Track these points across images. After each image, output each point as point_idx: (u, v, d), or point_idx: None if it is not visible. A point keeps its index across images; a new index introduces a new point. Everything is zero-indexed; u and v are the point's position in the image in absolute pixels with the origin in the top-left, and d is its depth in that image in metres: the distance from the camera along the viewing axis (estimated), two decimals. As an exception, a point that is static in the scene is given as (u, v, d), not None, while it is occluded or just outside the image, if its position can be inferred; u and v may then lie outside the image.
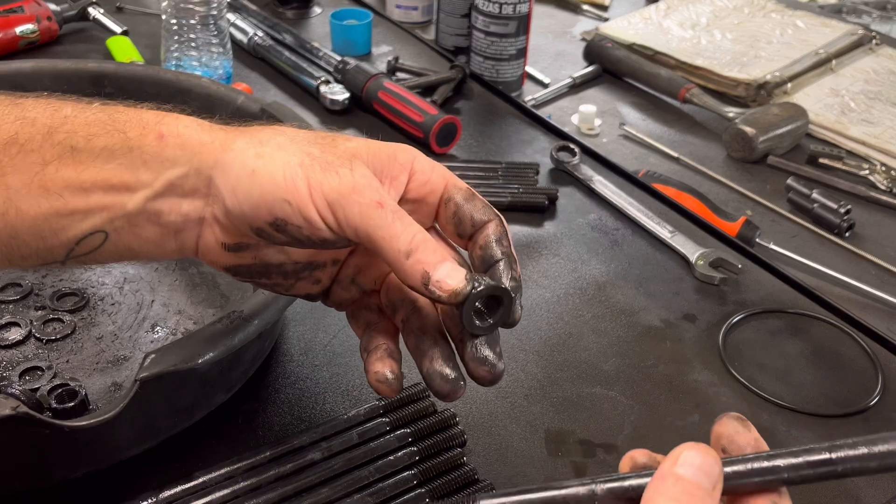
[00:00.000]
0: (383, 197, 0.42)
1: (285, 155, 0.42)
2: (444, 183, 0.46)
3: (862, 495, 0.57)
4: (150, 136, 0.42)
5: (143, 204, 0.43)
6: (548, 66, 1.20)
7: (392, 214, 0.42)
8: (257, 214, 0.42)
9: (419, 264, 0.41)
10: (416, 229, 0.42)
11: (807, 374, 0.67)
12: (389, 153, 0.45)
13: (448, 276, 0.41)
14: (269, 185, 0.41)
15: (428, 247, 0.42)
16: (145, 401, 0.48)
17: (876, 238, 0.90)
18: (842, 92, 1.15)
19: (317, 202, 0.41)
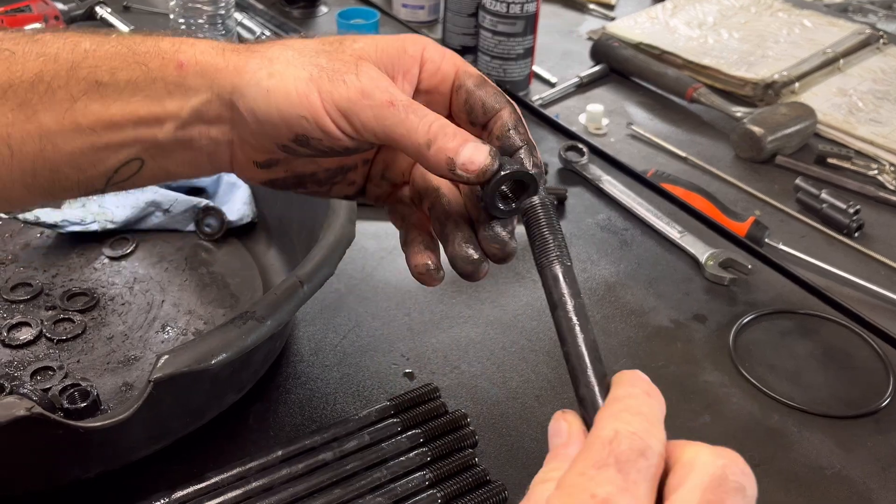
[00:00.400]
0: (393, 94, 0.42)
1: (295, 70, 0.42)
2: (455, 70, 0.46)
3: (875, 497, 0.57)
4: (170, 67, 0.43)
5: (173, 133, 0.44)
6: (555, 66, 1.20)
7: (405, 109, 0.42)
8: (279, 133, 0.43)
9: (441, 152, 0.42)
10: (432, 118, 0.42)
11: (817, 375, 0.67)
12: (398, 47, 0.45)
13: (473, 156, 0.42)
14: (285, 103, 0.42)
15: (447, 132, 0.42)
16: (158, 401, 0.48)
17: (885, 238, 0.90)
18: (850, 91, 1.15)
19: (331, 113, 0.42)
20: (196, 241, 0.75)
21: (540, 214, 0.41)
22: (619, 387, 0.35)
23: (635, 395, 0.34)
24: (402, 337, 0.68)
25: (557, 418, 0.36)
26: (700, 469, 0.30)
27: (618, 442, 0.31)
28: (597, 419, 0.33)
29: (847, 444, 0.61)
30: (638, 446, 0.31)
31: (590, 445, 0.31)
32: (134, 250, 0.73)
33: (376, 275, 0.75)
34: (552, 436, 0.36)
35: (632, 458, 0.30)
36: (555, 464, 0.34)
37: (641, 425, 0.32)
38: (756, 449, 0.60)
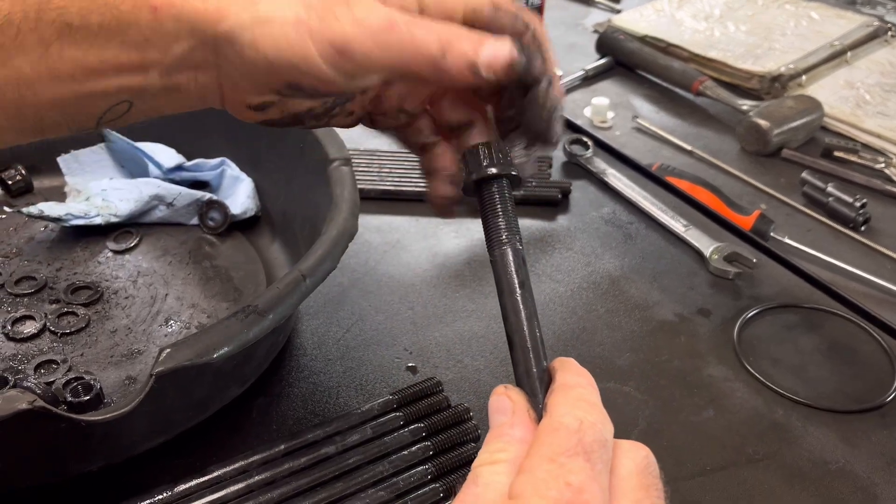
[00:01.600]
0: (391, 14, 0.38)
1: (282, 11, 0.39)
2: (462, 7, 0.41)
3: (879, 492, 0.57)
4: (143, 10, 0.40)
5: (159, 80, 0.41)
6: (560, 59, 1.18)
7: (406, 26, 0.38)
8: (270, 81, 0.41)
9: (460, 57, 0.38)
10: (438, 26, 0.39)
11: (822, 370, 0.67)
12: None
13: (496, 52, 0.39)
14: (274, 52, 0.39)
15: (461, 35, 0.39)
16: (160, 395, 0.48)
17: (892, 232, 0.90)
18: (857, 84, 1.14)
19: (326, 56, 0.39)
20: (200, 235, 0.75)
21: (495, 196, 0.39)
22: (565, 374, 0.36)
23: (584, 385, 0.35)
24: (406, 331, 0.68)
25: (500, 394, 0.35)
26: (629, 457, 0.34)
27: (583, 432, 0.32)
28: (553, 403, 0.34)
29: (852, 438, 0.61)
30: (599, 437, 0.32)
31: (555, 431, 0.32)
32: (138, 244, 0.73)
33: (379, 268, 0.75)
34: (494, 412, 0.35)
35: (596, 449, 0.32)
36: (500, 444, 0.34)
37: (599, 416, 0.34)
38: (760, 443, 0.60)
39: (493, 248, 0.39)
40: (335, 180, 0.63)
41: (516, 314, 0.37)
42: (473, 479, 0.33)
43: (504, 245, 0.38)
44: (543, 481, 0.30)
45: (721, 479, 0.57)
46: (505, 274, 0.38)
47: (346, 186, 0.62)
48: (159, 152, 0.78)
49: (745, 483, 0.57)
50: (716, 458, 0.59)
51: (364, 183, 0.83)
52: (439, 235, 0.79)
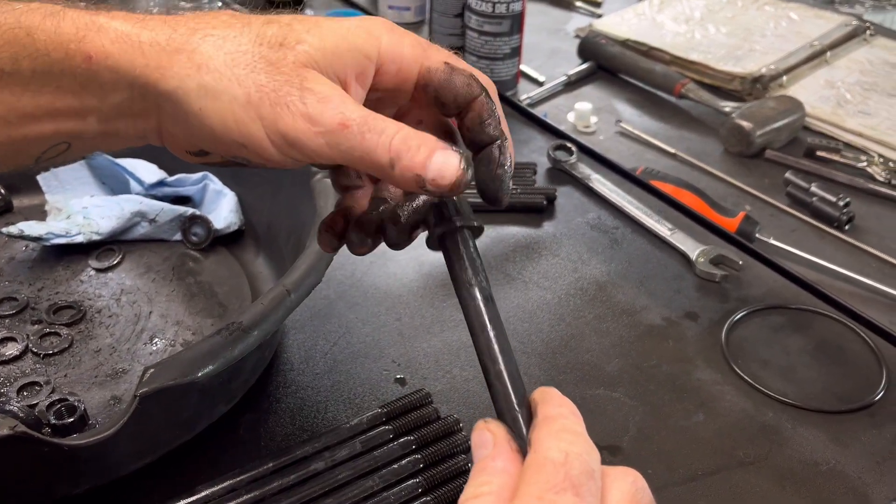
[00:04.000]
0: (345, 113, 0.38)
1: (231, 88, 0.38)
2: (418, 67, 0.41)
3: (870, 492, 0.57)
4: (76, 59, 0.38)
5: (97, 125, 0.41)
6: (542, 65, 1.20)
7: (360, 129, 0.38)
8: (213, 148, 0.40)
9: (407, 170, 0.38)
10: (391, 132, 0.38)
11: (810, 371, 0.67)
12: (349, 46, 0.40)
13: (443, 170, 0.38)
14: (221, 129, 0.38)
15: (410, 146, 0.38)
16: (145, 415, 0.47)
17: (876, 230, 0.90)
18: (837, 84, 1.15)
19: (276, 143, 0.38)
20: (183, 251, 0.74)
21: (458, 241, 0.41)
22: (547, 406, 0.35)
23: (567, 416, 0.35)
24: (393, 342, 0.67)
25: (480, 428, 0.35)
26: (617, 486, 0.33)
27: (570, 465, 0.32)
28: (537, 438, 0.33)
29: (841, 438, 0.61)
30: (587, 469, 0.32)
31: (541, 467, 0.32)
32: (120, 261, 0.73)
33: (366, 280, 0.74)
34: (477, 447, 0.35)
35: (584, 482, 0.31)
36: (484, 477, 0.33)
37: (584, 446, 0.33)
38: (750, 446, 0.60)
39: (461, 291, 0.40)
40: (319, 192, 0.63)
41: (490, 351, 0.37)
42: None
43: (471, 286, 0.39)
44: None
45: (712, 483, 0.57)
46: (475, 314, 0.39)
47: (329, 198, 0.62)
48: (140, 168, 0.77)
49: (737, 487, 0.57)
50: (707, 463, 0.58)
51: (348, 194, 0.83)
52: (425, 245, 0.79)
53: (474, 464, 0.34)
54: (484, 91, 0.42)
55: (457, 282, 0.40)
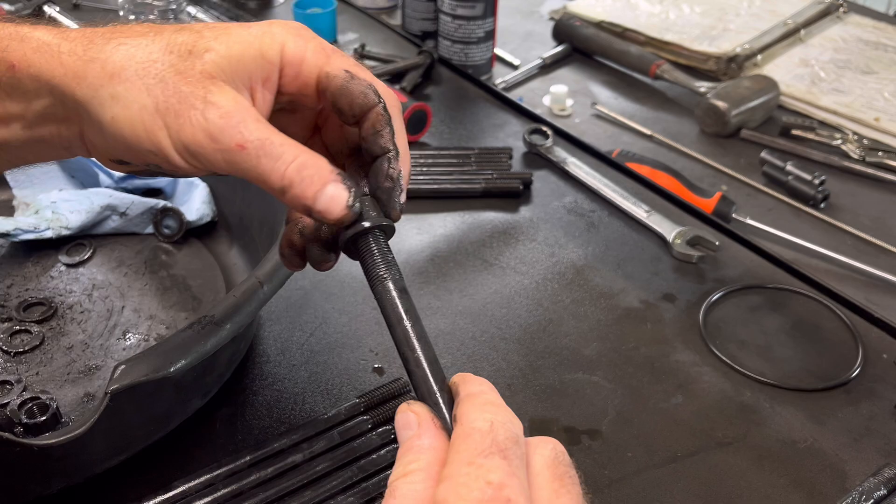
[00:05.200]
0: (244, 135, 0.39)
1: (141, 97, 0.39)
2: (317, 72, 0.42)
3: (847, 469, 0.57)
4: (1, 67, 0.40)
5: (22, 132, 0.42)
6: (517, 48, 1.19)
7: (256, 153, 0.39)
8: (128, 157, 0.41)
9: (297, 199, 0.40)
10: (287, 160, 0.39)
11: (787, 349, 0.67)
12: (255, 52, 0.41)
13: (330, 207, 0.40)
14: (132, 136, 0.40)
15: (303, 176, 0.39)
16: (117, 412, 0.46)
17: (851, 208, 0.90)
18: (811, 62, 1.15)
19: (180, 153, 0.40)
20: (155, 244, 0.73)
21: (370, 240, 0.41)
22: (467, 385, 0.37)
23: (487, 391, 0.36)
24: (370, 332, 0.67)
25: (404, 410, 0.36)
26: (539, 452, 0.35)
27: (496, 432, 0.33)
28: (462, 412, 0.35)
29: (819, 416, 0.61)
30: (511, 435, 0.34)
31: (468, 436, 0.33)
32: (91, 256, 0.72)
33: (341, 268, 0.73)
34: (402, 428, 0.36)
35: (510, 446, 0.33)
36: (411, 456, 0.35)
37: (507, 416, 0.35)
38: (729, 426, 0.60)
39: (375, 285, 0.41)
40: (290, 182, 0.62)
41: (407, 340, 0.39)
42: (391, 493, 0.34)
43: (385, 280, 0.40)
44: (464, 484, 0.31)
45: (692, 464, 0.57)
46: (390, 307, 0.40)
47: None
48: (110, 161, 0.76)
49: (717, 467, 0.57)
50: (686, 444, 0.59)
51: (323, 182, 0.82)
52: (401, 233, 0.78)
53: (400, 445, 0.36)
54: (381, 102, 0.42)
55: (371, 279, 0.41)
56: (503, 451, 0.33)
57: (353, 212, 0.40)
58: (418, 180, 0.83)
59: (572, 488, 0.34)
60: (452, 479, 0.32)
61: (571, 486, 0.34)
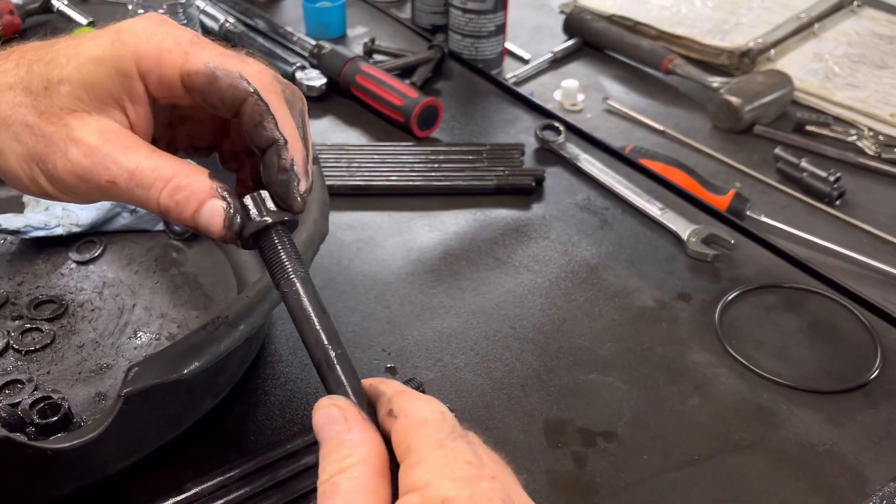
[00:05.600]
0: (111, 170, 0.39)
1: (14, 146, 0.40)
2: (178, 73, 0.40)
3: (867, 473, 0.56)
4: None
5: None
6: (527, 42, 1.18)
7: (126, 186, 0.39)
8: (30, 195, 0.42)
9: (179, 222, 0.40)
10: (158, 187, 0.39)
11: (805, 350, 0.66)
12: (106, 71, 0.40)
13: (210, 225, 0.40)
14: (18, 184, 0.41)
15: (178, 201, 0.40)
16: (130, 415, 0.46)
17: (867, 205, 0.89)
18: (825, 56, 1.14)
19: (63, 192, 0.41)
20: (166, 241, 0.73)
21: (272, 237, 0.41)
22: (388, 384, 0.38)
23: (412, 391, 0.37)
24: (383, 331, 0.66)
25: (325, 405, 0.36)
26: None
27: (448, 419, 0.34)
28: (403, 406, 0.35)
29: (837, 419, 0.61)
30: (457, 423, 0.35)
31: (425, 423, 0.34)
32: (102, 253, 0.71)
33: (353, 267, 0.73)
34: (326, 424, 0.35)
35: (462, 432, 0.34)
36: (343, 451, 0.34)
37: (434, 403, 0.35)
38: (746, 429, 0.59)
39: (281, 285, 0.40)
40: (303, 180, 0.61)
41: (316, 337, 0.39)
42: (332, 490, 0.33)
43: (290, 277, 0.40)
44: (444, 465, 0.32)
45: (709, 467, 0.57)
46: (298, 305, 0.40)
47: (314, 186, 0.60)
48: (120, 157, 0.75)
49: (734, 471, 0.56)
50: (703, 447, 0.58)
51: (333, 179, 0.81)
52: (413, 230, 0.78)
53: (326, 442, 0.35)
54: (254, 92, 0.40)
55: (274, 278, 0.41)
56: (464, 438, 0.34)
57: (234, 228, 0.40)
58: (430, 177, 0.83)
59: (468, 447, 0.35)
60: (427, 463, 0.32)
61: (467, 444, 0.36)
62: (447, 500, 0.30)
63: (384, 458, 0.34)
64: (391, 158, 0.85)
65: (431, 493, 0.31)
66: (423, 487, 0.31)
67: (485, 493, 0.31)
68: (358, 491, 0.32)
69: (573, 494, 0.54)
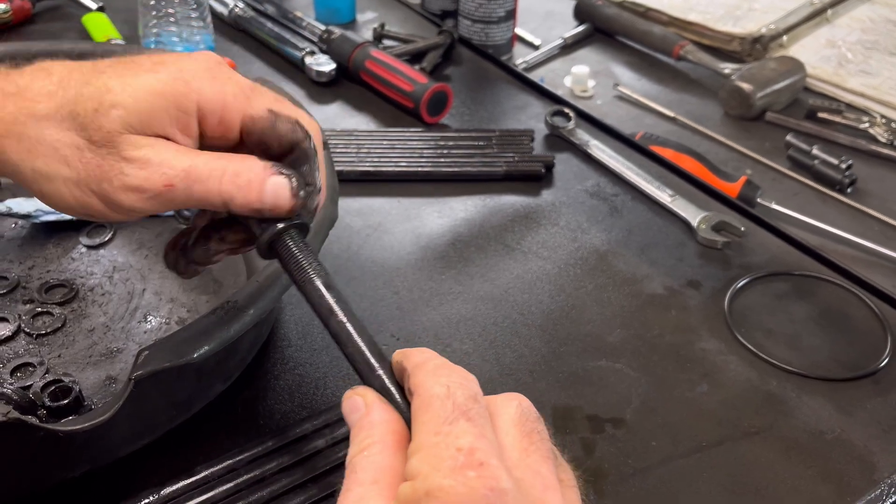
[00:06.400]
0: (167, 174, 0.40)
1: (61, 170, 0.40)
2: (240, 116, 0.43)
3: (876, 461, 0.56)
4: None
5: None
6: (538, 27, 1.17)
7: (184, 186, 0.40)
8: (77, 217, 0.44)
9: (245, 208, 0.41)
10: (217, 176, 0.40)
11: (815, 338, 0.66)
12: (165, 104, 0.41)
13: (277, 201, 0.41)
14: (63, 206, 0.41)
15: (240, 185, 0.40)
16: (141, 398, 0.46)
17: (878, 193, 0.89)
18: (838, 43, 1.13)
19: (116, 210, 0.41)
20: (175, 226, 0.73)
21: (287, 240, 0.42)
22: (411, 357, 0.37)
23: (433, 357, 0.37)
24: (392, 316, 0.66)
25: (349, 396, 0.37)
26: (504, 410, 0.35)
27: (454, 395, 0.33)
28: (415, 383, 0.35)
29: (847, 407, 0.60)
30: (469, 394, 0.34)
31: (429, 405, 0.33)
32: (112, 238, 0.71)
33: (362, 253, 0.73)
34: (350, 413, 0.37)
35: (471, 406, 0.33)
36: (364, 433, 0.35)
37: (460, 376, 0.35)
38: (755, 416, 0.59)
39: (303, 286, 0.41)
40: (312, 165, 0.61)
41: (345, 331, 0.40)
42: (351, 470, 0.34)
43: (311, 277, 0.41)
44: (435, 455, 0.31)
45: (718, 454, 0.57)
46: (320, 302, 0.41)
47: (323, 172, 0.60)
48: (130, 142, 0.75)
49: (743, 458, 0.56)
50: (712, 434, 0.58)
51: (342, 165, 0.81)
52: (422, 216, 0.78)
53: (351, 429, 0.36)
54: (308, 137, 0.43)
55: (297, 281, 0.42)
56: (466, 413, 0.33)
57: (302, 196, 0.41)
58: (439, 163, 0.82)
59: (541, 444, 0.34)
60: (423, 451, 0.32)
61: (540, 443, 0.34)
62: (430, 491, 0.30)
63: (402, 433, 0.35)
64: (400, 144, 0.85)
65: (419, 483, 0.31)
66: (416, 477, 0.31)
67: (468, 482, 0.30)
68: (373, 469, 0.33)
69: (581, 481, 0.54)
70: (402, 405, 0.37)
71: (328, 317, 0.40)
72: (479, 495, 0.30)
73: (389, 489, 0.33)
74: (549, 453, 0.34)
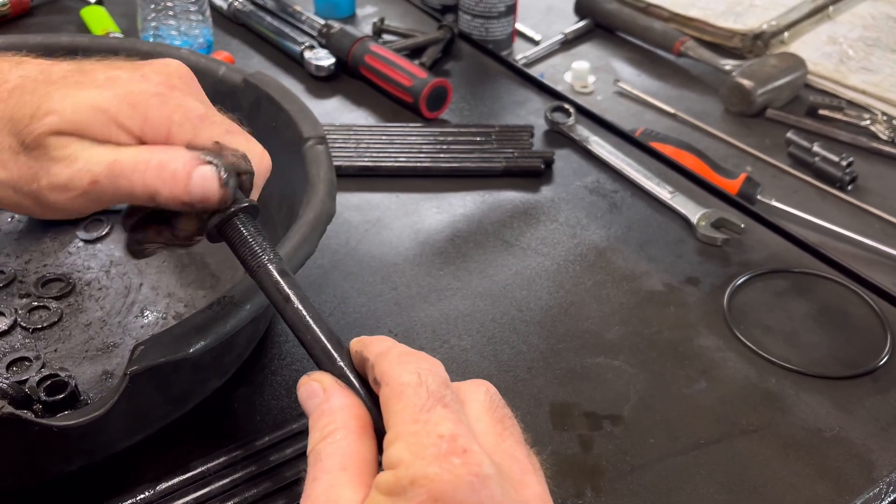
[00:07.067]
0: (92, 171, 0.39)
1: None
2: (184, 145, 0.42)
3: (874, 459, 0.56)
4: None
5: None
6: (538, 23, 1.17)
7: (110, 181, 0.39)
8: None
9: (172, 201, 0.40)
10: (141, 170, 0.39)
11: (814, 335, 0.66)
12: (105, 121, 0.40)
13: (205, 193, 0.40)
14: (6, 206, 0.42)
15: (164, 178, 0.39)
16: (136, 393, 0.46)
17: (879, 190, 0.89)
18: (840, 39, 1.12)
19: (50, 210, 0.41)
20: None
21: (238, 224, 0.41)
22: (371, 346, 0.37)
23: (394, 345, 0.36)
24: (390, 312, 0.66)
25: (305, 382, 0.37)
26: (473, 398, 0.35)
27: (426, 382, 0.33)
28: (383, 371, 0.34)
29: (845, 405, 0.60)
30: (440, 380, 0.34)
31: (401, 394, 0.33)
32: (109, 232, 0.71)
33: (361, 248, 0.73)
34: (308, 398, 0.36)
35: (444, 392, 0.33)
36: (326, 419, 0.34)
37: (428, 362, 0.35)
38: (753, 414, 0.59)
39: (255, 273, 0.40)
40: (310, 160, 0.61)
41: (302, 320, 0.39)
42: (316, 458, 0.33)
43: (263, 263, 0.40)
44: (416, 442, 0.31)
45: (716, 452, 0.56)
46: (275, 289, 0.40)
47: (321, 166, 0.60)
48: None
49: (740, 455, 0.56)
50: (710, 431, 0.58)
51: (341, 160, 0.81)
52: (421, 212, 0.77)
53: (309, 416, 0.35)
54: (251, 172, 0.42)
55: (248, 266, 0.40)
56: (441, 400, 0.33)
57: (231, 187, 0.40)
58: (438, 158, 0.82)
59: (514, 430, 0.34)
60: (402, 440, 0.32)
61: (513, 429, 0.34)
62: (415, 480, 0.30)
63: (365, 419, 0.35)
64: (399, 139, 0.85)
65: (402, 472, 0.31)
66: (397, 465, 0.31)
67: (454, 469, 0.30)
68: (339, 454, 0.33)
69: (579, 477, 0.54)
70: (362, 392, 0.36)
71: (283, 305, 0.39)
72: (465, 482, 0.30)
73: (360, 475, 0.33)
74: (521, 438, 0.34)
